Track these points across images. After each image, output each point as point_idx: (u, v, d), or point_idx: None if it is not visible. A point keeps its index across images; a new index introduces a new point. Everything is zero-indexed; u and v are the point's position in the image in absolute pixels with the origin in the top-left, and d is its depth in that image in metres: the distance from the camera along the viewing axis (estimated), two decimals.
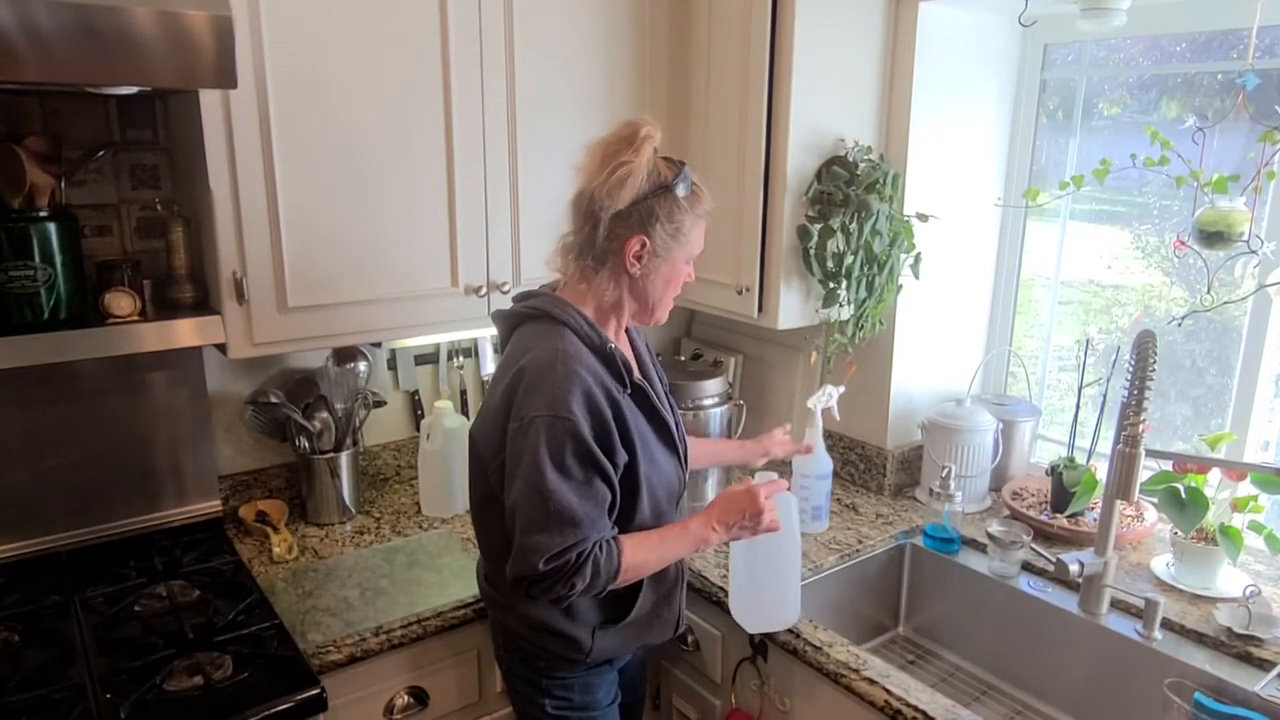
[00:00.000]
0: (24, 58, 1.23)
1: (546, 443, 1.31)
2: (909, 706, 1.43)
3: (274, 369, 2.03)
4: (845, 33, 1.94)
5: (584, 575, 1.32)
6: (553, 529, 1.30)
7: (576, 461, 1.32)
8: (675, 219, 1.38)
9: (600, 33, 1.95)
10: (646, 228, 1.37)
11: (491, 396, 1.44)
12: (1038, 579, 1.86)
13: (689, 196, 1.40)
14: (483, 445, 1.44)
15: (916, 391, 2.24)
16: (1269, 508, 1.76)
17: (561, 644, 1.48)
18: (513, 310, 1.48)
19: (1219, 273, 1.79)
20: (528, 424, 1.32)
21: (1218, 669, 1.55)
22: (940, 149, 2.11)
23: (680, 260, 1.44)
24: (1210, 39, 1.91)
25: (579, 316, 1.40)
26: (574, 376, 1.33)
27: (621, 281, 1.42)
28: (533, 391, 1.34)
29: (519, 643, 1.52)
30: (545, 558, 1.30)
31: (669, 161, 1.40)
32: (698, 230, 1.44)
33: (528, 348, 1.39)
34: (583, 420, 1.32)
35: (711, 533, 1.47)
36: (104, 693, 1.40)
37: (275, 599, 1.67)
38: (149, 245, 1.81)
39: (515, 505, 1.34)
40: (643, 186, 1.36)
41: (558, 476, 1.31)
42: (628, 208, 1.36)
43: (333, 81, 1.65)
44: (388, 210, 1.76)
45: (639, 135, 1.35)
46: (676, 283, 1.47)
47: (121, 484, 1.82)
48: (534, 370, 1.35)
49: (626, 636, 1.52)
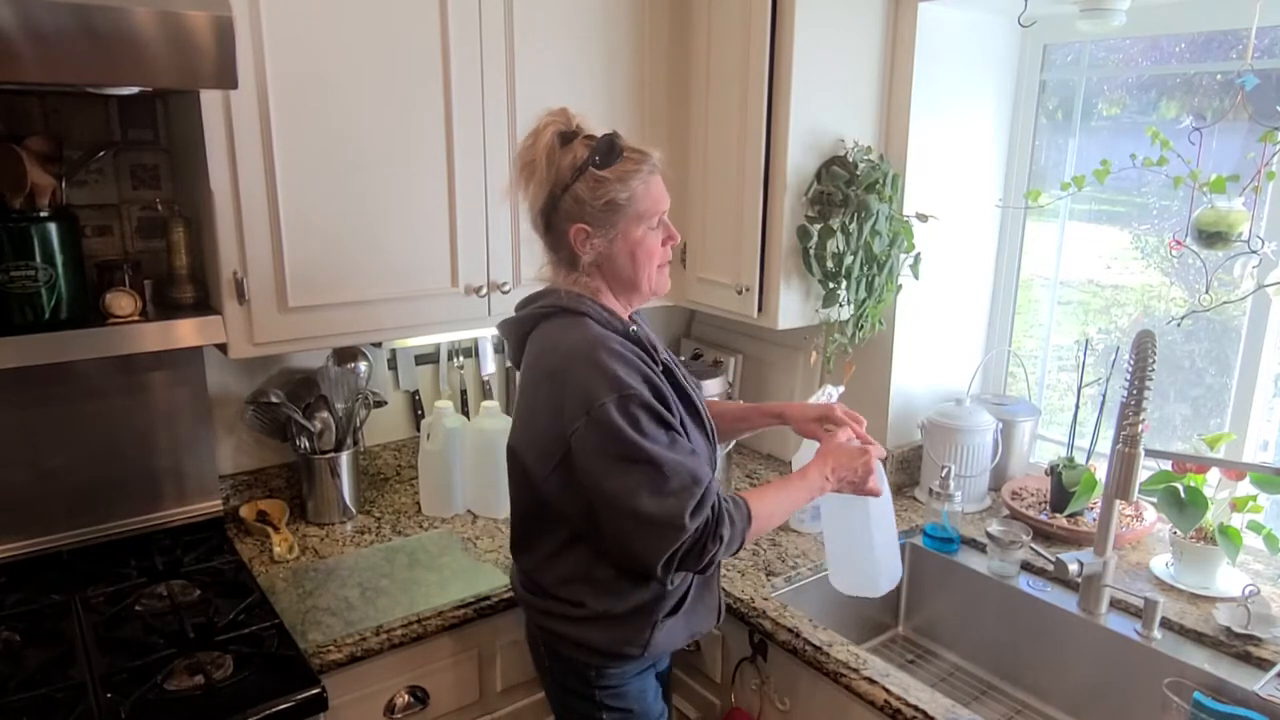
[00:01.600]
0: (25, 58, 1.24)
1: (625, 420, 1.27)
2: (909, 706, 1.44)
3: (274, 369, 2.03)
4: (845, 33, 1.95)
5: (726, 523, 1.30)
6: (677, 490, 1.27)
7: (656, 425, 1.30)
8: (600, 192, 1.32)
9: (600, 33, 1.95)
10: (579, 214, 1.34)
11: (530, 402, 1.40)
12: (1037, 579, 1.86)
13: (613, 166, 1.33)
14: (528, 456, 1.40)
15: (916, 391, 2.24)
16: (1268, 507, 1.76)
17: (616, 642, 1.42)
18: (524, 314, 1.45)
19: (1218, 273, 1.80)
20: (596, 413, 1.28)
21: (1217, 668, 1.55)
22: (940, 149, 2.11)
23: (634, 229, 1.36)
24: (1209, 39, 1.92)
25: (595, 305, 1.38)
26: (616, 355, 1.31)
27: (591, 270, 1.39)
28: (584, 384, 1.30)
29: (569, 650, 1.45)
30: (688, 514, 1.26)
31: (589, 139, 1.34)
32: (640, 193, 1.35)
33: (553, 345, 1.36)
34: (644, 389, 1.30)
35: (825, 482, 1.45)
36: (105, 692, 1.40)
37: (276, 598, 1.67)
38: (150, 245, 1.82)
39: (619, 492, 1.28)
40: (554, 175, 1.33)
41: (652, 443, 1.28)
42: (549, 200, 1.34)
43: (333, 81, 1.65)
44: (388, 210, 1.76)
45: (539, 127, 1.33)
46: (647, 250, 1.39)
47: (122, 484, 1.82)
48: (576, 364, 1.31)
49: (678, 627, 1.47)
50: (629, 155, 1.35)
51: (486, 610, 1.69)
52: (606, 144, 1.34)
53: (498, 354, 2.35)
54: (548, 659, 1.51)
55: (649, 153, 1.37)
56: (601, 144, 1.34)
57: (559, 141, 1.34)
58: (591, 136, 1.36)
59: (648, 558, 1.30)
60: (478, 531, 1.98)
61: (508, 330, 1.49)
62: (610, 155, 1.33)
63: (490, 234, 1.90)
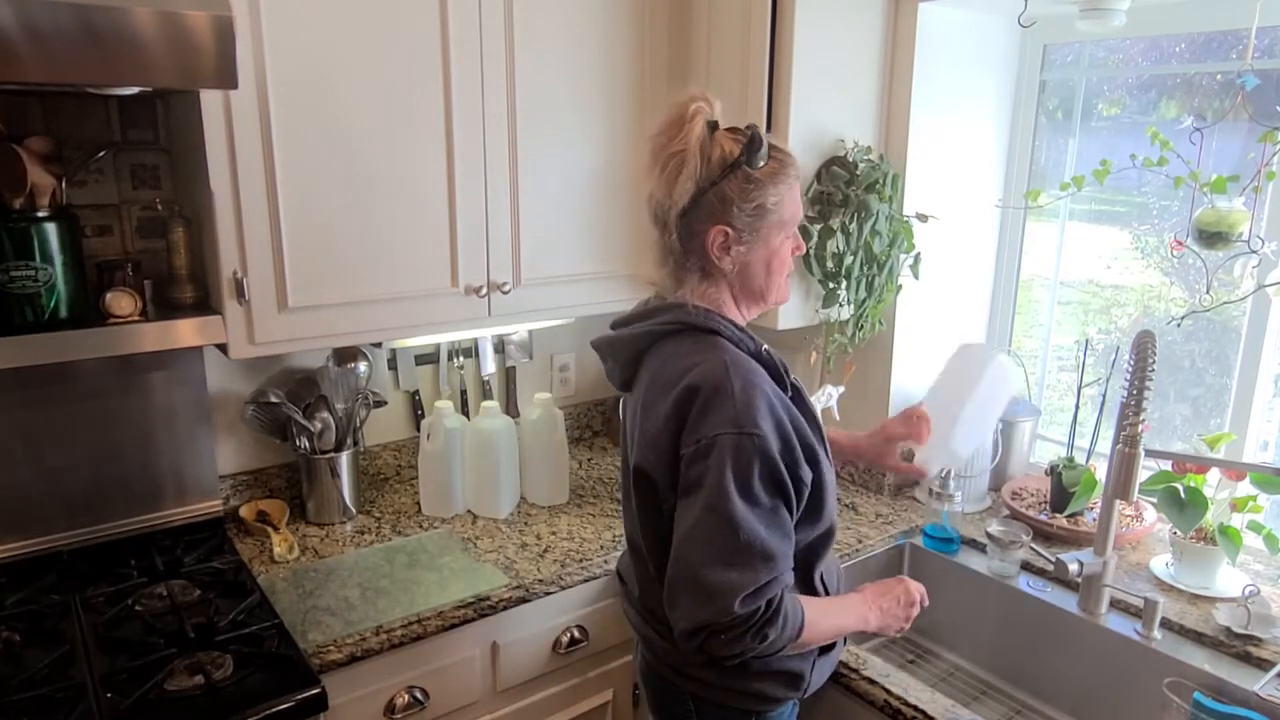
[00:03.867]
0: (25, 58, 1.24)
1: (733, 464, 1.15)
2: (908, 706, 1.44)
3: (274, 369, 2.03)
4: (845, 33, 1.95)
5: (777, 625, 1.16)
6: (743, 564, 1.14)
7: (763, 485, 1.17)
8: (752, 196, 1.21)
9: (600, 33, 1.95)
10: (724, 215, 1.22)
11: (655, 421, 1.26)
12: (1037, 579, 1.86)
13: (764, 166, 1.22)
14: (656, 474, 1.26)
15: (916, 391, 2.24)
16: (1268, 508, 1.76)
17: (780, 685, 1.32)
18: (641, 330, 1.31)
19: (1218, 273, 1.80)
20: (709, 444, 1.16)
21: (1217, 668, 1.55)
22: (940, 149, 2.11)
23: (775, 237, 1.26)
24: (1209, 39, 1.92)
25: (727, 323, 1.26)
26: (753, 389, 1.18)
27: (719, 278, 1.28)
28: (709, 409, 1.18)
29: (720, 696, 1.33)
30: (741, 597, 1.13)
31: (733, 132, 1.23)
32: (787, 198, 1.25)
33: (686, 367, 1.22)
34: (771, 437, 1.18)
35: (870, 613, 1.35)
36: (105, 692, 1.40)
37: (276, 598, 1.67)
38: (150, 245, 1.82)
39: (689, 537, 1.17)
40: (703, 172, 1.21)
41: (745, 504, 1.15)
42: (693, 200, 1.21)
43: (333, 81, 1.65)
44: (388, 210, 1.76)
45: (686, 114, 1.20)
46: (781, 259, 1.29)
47: (122, 484, 1.82)
48: (709, 386, 1.19)
49: (827, 663, 1.40)
50: (774, 155, 1.24)
51: (486, 610, 1.69)
52: (757, 140, 1.21)
53: (497, 354, 2.35)
54: (696, 713, 1.37)
55: (791, 154, 1.27)
56: (755, 139, 1.22)
57: (708, 131, 1.22)
58: (735, 128, 1.24)
59: (679, 621, 1.18)
60: (478, 531, 1.98)
61: (618, 349, 1.36)
62: (763, 151, 1.22)
63: (490, 234, 1.90)
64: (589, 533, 1.98)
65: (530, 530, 1.99)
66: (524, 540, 1.94)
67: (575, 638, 1.83)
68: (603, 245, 2.05)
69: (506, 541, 1.94)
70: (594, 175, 2.00)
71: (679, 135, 1.20)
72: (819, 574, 1.38)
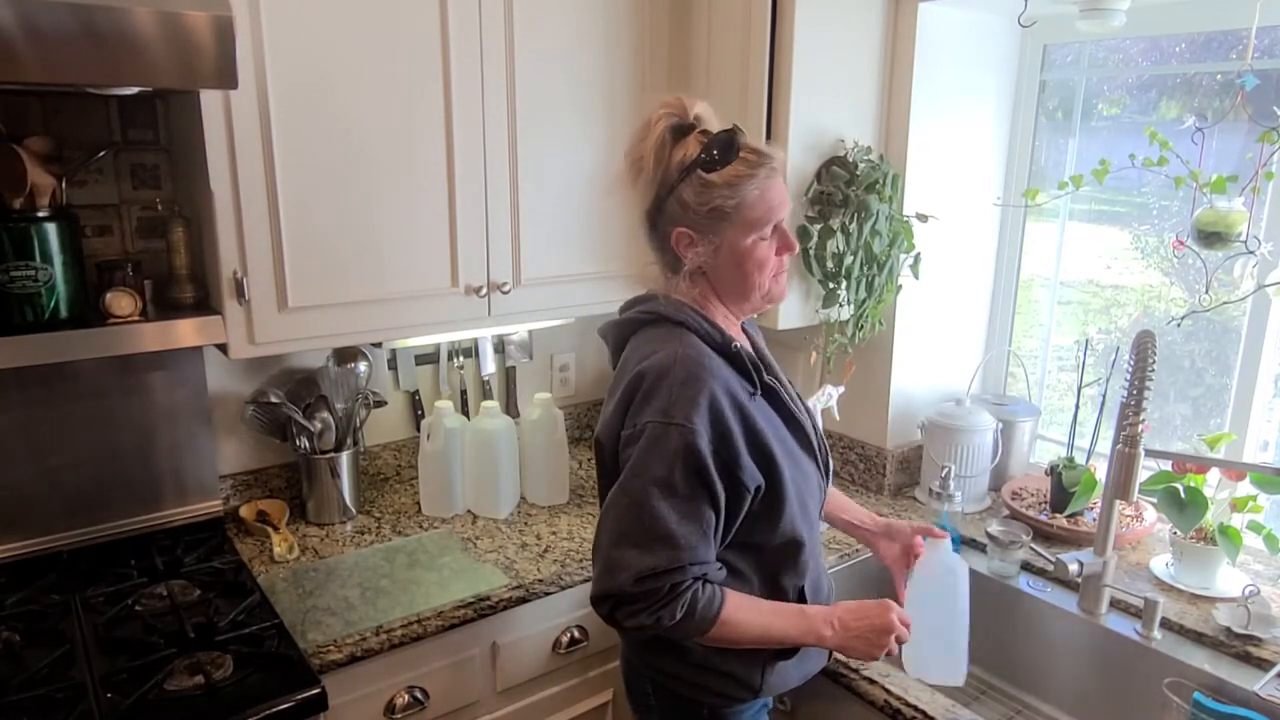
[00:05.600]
0: (25, 58, 1.24)
1: (656, 451, 1.18)
2: (908, 706, 1.44)
3: (274, 369, 2.03)
4: (845, 33, 1.95)
5: (674, 610, 1.18)
6: (645, 545, 1.17)
7: (684, 477, 1.19)
8: (706, 198, 1.22)
9: (600, 33, 1.95)
10: (682, 218, 1.25)
11: (607, 405, 1.33)
12: (1037, 579, 1.86)
13: (725, 168, 1.22)
14: (608, 454, 1.31)
15: (916, 391, 2.24)
16: (1268, 508, 1.76)
17: (728, 683, 1.34)
18: (624, 318, 1.37)
19: (1218, 273, 1.80)
20: (640, 430, 1.21)
21: (1217, 669, 1.55)
22: (940, 149, 2.11)
23: (741, 239, 1.25)
24: (1209, 39, 1.92)
25: (696, 315, 1.28)
26: (694, 381, 1.21)
27: (695, 277, 1.30)
28: (649, 397, 1.22)
29: (674, 685, 1.37)
30: (635, 576, 1.17)
31: (704, 135, 1.24)
32: (753, 197, 1.23)
33: (646, 353, 1.27)
34: (702, 431, 1.19)
35: (827, 630, 1.30)
36: (105, 692, 1.40)
37: (276, 599, 1.67)
38: (150, 245, 1.82)
39: (606, 513, 1.23)
40: (660, 176, 1.24)
41: (660, 490, 1.18)
42: (655, 203, 1.26)
43: (333, 82, 1.65)
44: (388, 210, 1.76)
45: (651, 119, 1.24)
46: (756, 260, 1.27)
47: (122, 484, 1.82)
48: (652, 374, 1.23)
49: (792, 670, 1.39)
50: (745, 156, 1.23)
51: (486, 610, 1.69)
52: (723, 142, 1.23)
53: (497, 354, 2.35)
54: (654, 697, 1.42)
55: (769, 154, 1.26)
56: (717, 142, 1.23)
57: (671, 136, 1.24)
58: (708, 132, 1.25)
59: (592, 588, 1.23)
60: (478, 531, 1.98)
61: (609, 333, 1.41)
62: (726, 154, 1.22)
63: (490, 234, 1.90)
64: (589, 533, 1.98)
65: (530, 530, 1.99)
66: (524, 540, 1.94)
67: (575, 638, 1.83)
68: (603, 245, 2.05)
69: (506, 541, 1.94)
70: (594, 175, 2.00)
71: (641, 140, 1.25)
72: (789, 584, 1.36)
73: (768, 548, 1.32)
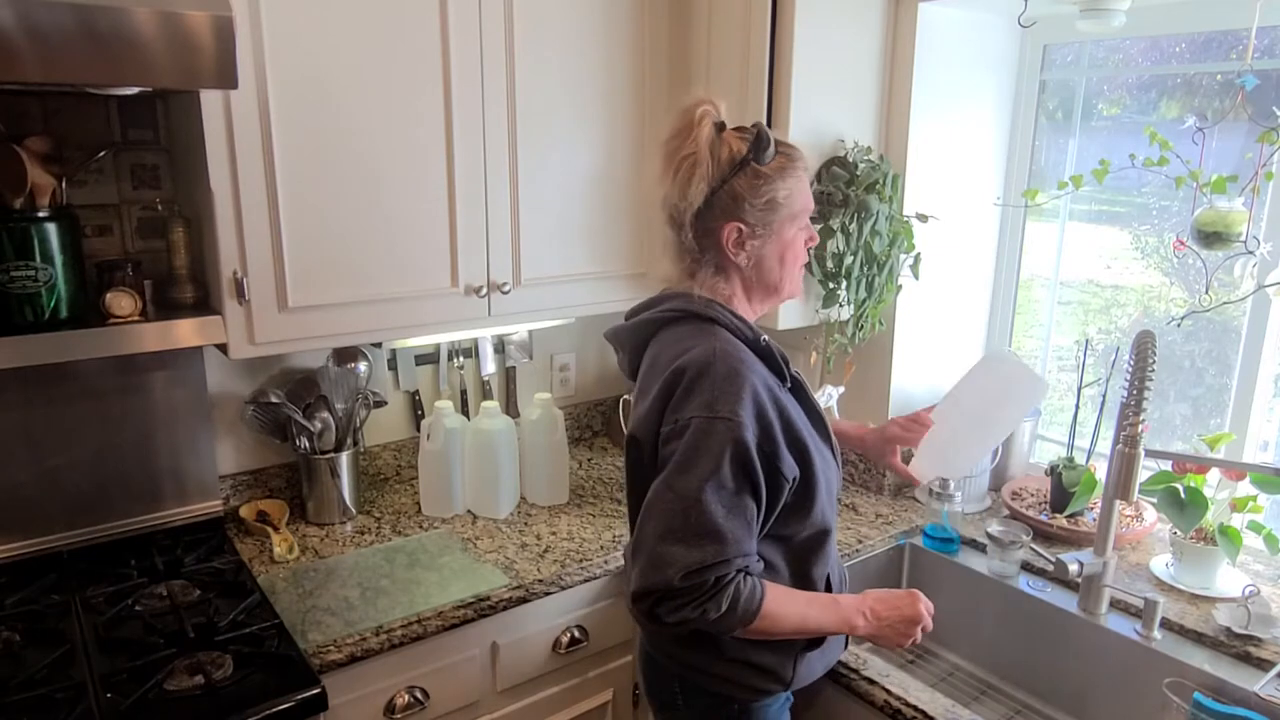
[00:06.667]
0: (25, 58, 1.24)
1: (702, 446, 1.19)
2: (908, 706, 1.44)
3: (274, 369, 2.03)
4: (845, 33, 1.95)
5: (719, 603, 1.19)
6: (692, 541, 1.17)
7: (732, 470, 1.19)
8: (762, 192, 1.26)
9: (600, 34, 1.95)
10: (736, 212, 1.27)
11: (640, 403, 1.33)
12: (1037, 579, 1.86)
13: (772, 162, 1.26)
14: (645, 450, 1.31)
15: (916, 391, 2.24)
16: (1268, 508, 1.76)
17: (761, 676, 1.35)
18: (644, 319, 1.37)
19: (1218, 273, 1.80)
20: (684, 425, 1.21)
21: (1217, 669, 1.55)
22: (940, 149, 2.11)
23: (787, 229, 1.30)
24: (1209, 39, 1.92)
25: (727, 312, 1.30)
26: (736, 376, 1.22)
27: (731, 273, 1.32)
28: (691, 392, 1.22)
29: (705, 681, 1.37)
30: (683, 571, 1.16)
31: (740, 131, 1.28)
32: (796, 191, 1.29)
33: (680, 350, 1.27)
34: (747, 425, 1.20)
35: (860, 619, 1.33)
36: (105, 692, 1.40)
37: (276, 599, 1.67)
38: (150, 245, 1.82)
39: (650, 508, 1.21)
40: (714, 172, 1.25)
41: (707, 485, 1.18)
42: (706, 200, 1.26)
43: (333, 82, 1.65)
44: (388, 210, 1.76)
45: (695, 118, 1.25)
46: (795, 252, 1.33)
47: (122, 484, 1.82)
48: (693, 370, 1.23)
49: (817, 660, 1.41)
50: (781, 150, 1.28)
51: (486, 610, 1.69)
52: (763, 137, 1.26)
53: (497, 354, 2.35)
54: (681, 695, 1.41)
55: (798, 147, 1.31)
56: (759, 137, 1.26)
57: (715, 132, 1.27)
58: (741, 128, 1.28)
59: (632, 584, 1.22)
60: (478, 531, 1.98)
61: (624, 338, 1.41)
62: (770, 147, 1.26)
63: (490, 234, 1.90)
64: (589, 533, 1.98)
65: (530, 530, 1.99)
66: (524, 540, 1.94)
67: (575, 638, 1.83)
68: (602, 245, 2.05)
69: (506, 541, 1.94)
70: (594, 175, 2.00)
71: (689, 139, 1.25)
72: (818, 574, 1.38)
73: (797, 539, 1.34)
